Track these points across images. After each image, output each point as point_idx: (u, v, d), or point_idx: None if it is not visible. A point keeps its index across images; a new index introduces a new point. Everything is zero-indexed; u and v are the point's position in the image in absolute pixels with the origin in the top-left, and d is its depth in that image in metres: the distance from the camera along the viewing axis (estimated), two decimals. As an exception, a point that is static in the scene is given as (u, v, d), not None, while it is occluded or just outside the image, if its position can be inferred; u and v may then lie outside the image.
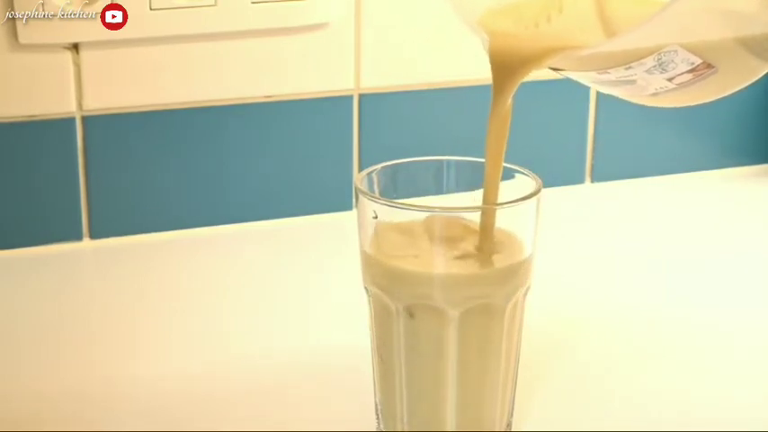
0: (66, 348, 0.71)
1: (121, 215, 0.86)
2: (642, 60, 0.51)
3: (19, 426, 0.63)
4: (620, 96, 0.56)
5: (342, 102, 0.89)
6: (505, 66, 0.53)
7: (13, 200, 0.83)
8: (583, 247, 0.87)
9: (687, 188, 0.98)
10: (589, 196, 0.96)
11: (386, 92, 0.90)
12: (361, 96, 0.90)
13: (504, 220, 0.57)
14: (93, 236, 0.86)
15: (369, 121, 0.90)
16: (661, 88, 0.53)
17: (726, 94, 0.55)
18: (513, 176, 0.59)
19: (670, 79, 0.52)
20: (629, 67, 0.51)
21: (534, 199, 0.57)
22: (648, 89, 0.53)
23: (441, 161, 0.60)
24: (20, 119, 0.82)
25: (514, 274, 0.57)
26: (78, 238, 0.85)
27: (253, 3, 0.83)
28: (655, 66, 0.51)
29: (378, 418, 0.61)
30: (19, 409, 0.64)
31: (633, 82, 0.53)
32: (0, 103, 0.81)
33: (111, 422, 0.63)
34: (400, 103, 0.90)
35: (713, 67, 0.52)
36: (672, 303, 0.78)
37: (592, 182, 0.98)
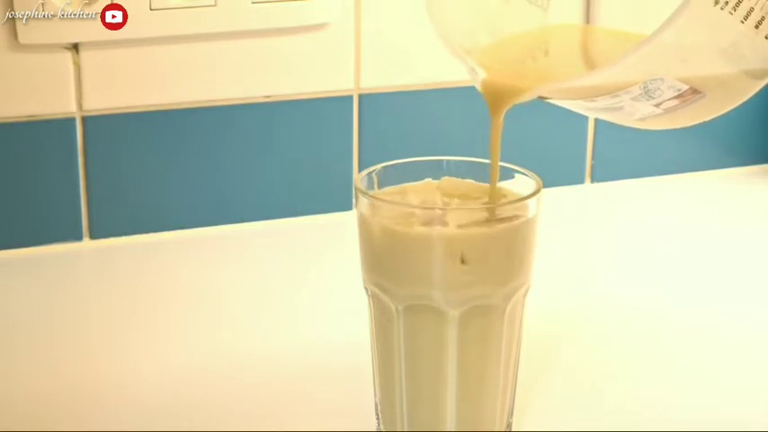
0: (65, 348, 0.71)
1: (121, 215, 0.86)
2: (628, 89, 0.51)
3: (18, 425, 0.63)
4: (609, 120, 0.57)
5: (342, 102, 0.89)
6: (495, 98, 0.57)
7: (13, 200, 0.83)
8: (583, 247, 0.87)
9: (687, 188, 0.99)
10: (589, 196, 0.96)
11: (386, 92, 0.90)
12: (361, 96, 0.90)
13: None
14: (93, 236, 0.86)
15: (369, 121, 0.90)
16: (649, 113, 0.54)
17: (716, 116, 0.55)
18: (513, 176, 0.59)
19: (657, 105, 0.53)
20: (616, 96, 0.52)
21: (534, 199, 0.57)
22: (636, 114, 0.54)
23: (440, 161, 0.60)
24: (20, 119, 0.82)
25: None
26: (78, 238, 0.85)
27: (253, 3, 0.83)
28: (641, 93, 0.52)
29: (378, 418, 0.61)
30: (18, 409, 0.64)
31: (621, 108, 0.53)
32: (0, 103, 0.81)
33: (111, 422, 0.63)
34: (400, 103, 0.91)
35: (700, 92, 0.52)
36: (672, 303, 0.78)
37: (592, 182, 0.98)
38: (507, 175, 0.59)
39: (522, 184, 0.59)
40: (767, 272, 0.83)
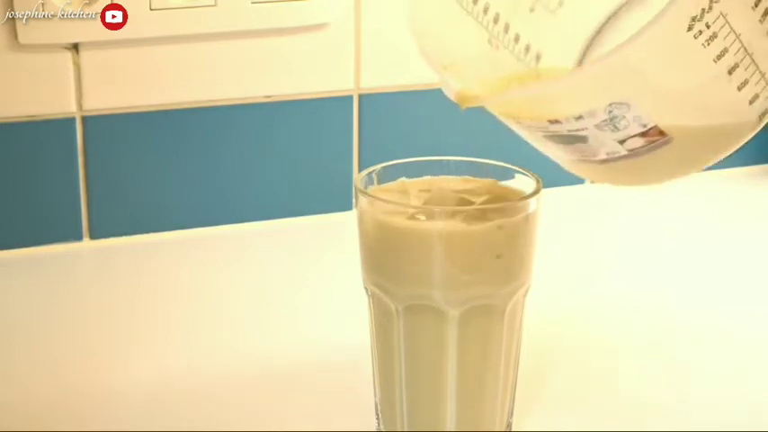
0: (65, 348, 0.71)
1: (121, 215, 0.86)
2: (593, 110, 0.50)
3: (18, 426, 0.63)
4: (572, 161, 0.55)
5: (342, 102, 0.89)
6: (463, 104, 0.57)
7: (13, 200, 0.83)
8: (583, 247, 0.87)
9: (687, 188, 0.98)
10: (589, 196, 0.96)
11: (386, 92, 0.90)
12: (361, 96, 0.90)
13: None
14: (93, 236, 0.86)
15: (369, 121, 0.90)
16: (612, 153, 0.52)
17: (684, 174, 0.54)
18: (513, 176, 0.59)
19: (621, 141, 0.51)
20: (580, 118, 0.51)
21: (534, 199, 0.57)
22: (600, 152, 0.53)
23: (441, 161, 0.60)
24: (20, 119, 0.82)
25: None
26: (78, 238, 0.85)
27: (253, 3, 0.83)
28: (606, 120, 0.50)
29: (378, 418, 0.61)
30: (18, 410, 0.64)
31: (585, 139, 0.52)
32: (0, 103, 0.81)
33: (111, 422, 0.63)
34: (400, 103, 0.91)
35: (666, 135, 0.51)
36: (672, 303, 0.78)
37: (592, 182, 0.98)
38: (507, 175, 0.59)
39: (522, 183, 0.59)
40: (767, 272, 0.83)
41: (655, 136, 0.51)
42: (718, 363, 0.70)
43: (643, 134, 0.51)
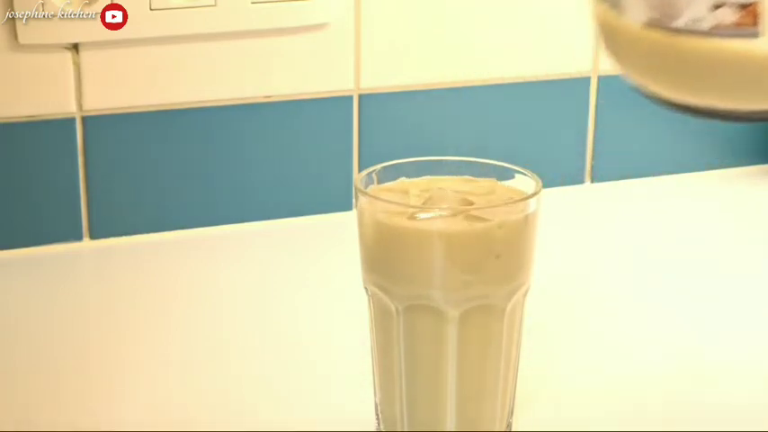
0: (64, 348, 0.71)
1: (121, 215, 0.86)
2: None
3: (18, 426, 0.63)
4: (641, 25, 0.51)
5: (342, 102, 0.89)
6: None
7: (13, 200, 0.83)
8: (582, 247, 0.87)
9: (687, 188, 0.98)
10: (589, 196, 0.96)
11: (386, 92, 0.90)
12: (361, 96, 0.90)
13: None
14: (93, 236, 0.86)
15: (369, 121, 0.90)
16: (696, 18, 0.49)
17: (730, 104, 0.51)
18: (513, 176, 0.59)
19: (715, 7, 0.48)
20: None
21: (534, 199, 0.57)
22: (684, 13, 0.49)
23: (441, 161, 0.60)
24: (20, 119, 0.82)
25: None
26: (78, 238, 0.85)
27: (253, 3, 0.83)
28: None
29: (378, 418, 0.61)
30: (17, 410, 0.64)
31: None
32: (0, 103, 0.81)
33: (110, 422, 0.63)
34: (400, 103, 0.90)
35: (757, 25, 0.48)
36: (671, 303, 0.78)
37: (592, 182, 0.98)
38: (507, 175, 0.59)
39: (522, 183, 0.59)
40: (767, 272, 0.83)
41: (749, 18, 0.48)
42: (718, 362, 0.70)
43: (741, 7, 0.48)
